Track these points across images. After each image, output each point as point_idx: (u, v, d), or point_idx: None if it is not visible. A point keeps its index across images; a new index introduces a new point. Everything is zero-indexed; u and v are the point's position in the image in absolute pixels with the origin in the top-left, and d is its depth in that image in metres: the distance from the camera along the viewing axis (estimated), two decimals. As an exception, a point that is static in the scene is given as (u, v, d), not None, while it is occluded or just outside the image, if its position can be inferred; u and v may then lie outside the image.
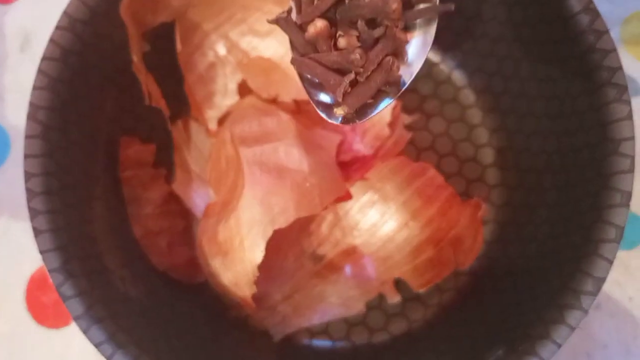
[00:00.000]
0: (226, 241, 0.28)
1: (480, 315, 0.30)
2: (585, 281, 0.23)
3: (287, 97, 0.33)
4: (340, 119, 0.21)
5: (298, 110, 0.33)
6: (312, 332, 0.33)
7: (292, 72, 0.32)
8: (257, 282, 0.29)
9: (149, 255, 0.31)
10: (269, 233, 0.27)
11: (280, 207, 0.28)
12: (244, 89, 0.33)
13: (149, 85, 0.29)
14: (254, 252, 0.27)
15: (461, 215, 0.32)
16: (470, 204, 0.33)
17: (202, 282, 0.32)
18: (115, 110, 0.30)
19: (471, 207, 0.33)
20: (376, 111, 0.21)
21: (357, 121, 0.21)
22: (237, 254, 0.28)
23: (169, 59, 0.32)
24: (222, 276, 0.29)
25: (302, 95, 0.32)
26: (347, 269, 0.33)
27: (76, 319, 0.23)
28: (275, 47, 0.33)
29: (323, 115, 0.21)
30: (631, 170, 0.24)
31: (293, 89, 0.32)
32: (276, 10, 0.32)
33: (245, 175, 0.28)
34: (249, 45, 0.33)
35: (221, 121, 0.33)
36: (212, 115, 0.34)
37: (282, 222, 0.28)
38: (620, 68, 0.24)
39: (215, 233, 0.29)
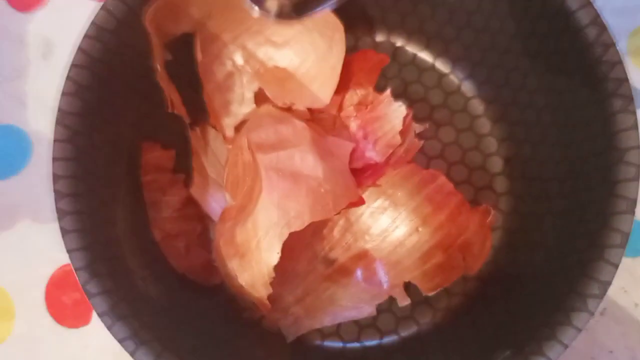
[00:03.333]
0: (243, 243, 0.29)
1: (488, 318, 0.31)
2: (592, 285, 0.24)
3: (301, 105, 0.34)
4: (273, 12, 0.18)
5: (312, 118, 0.34)
6: (324, 334, 0.34)
7: (307, 81, 0.34)
8: (271, 284, 0.29)
9: (168, 258, 0.32)
10: (285, 236, 0.28)
11: (296, 211, 0.29)
12: (260, 98, 0.34)
13: (170, 93, 0.30)
14: (270, 254, 0.28)
15: (470, 221, 0.33)
16: (479, 211, 0.34)
17: (218, 284, 0.33)
18: (137, 116, 0.31)
19: (480, 214, 0.34)
20: (319, 8, 0.18)
21: (295, 16, 0.18)
22: (254, 255, 0.29)
23: (189, 68, 0.33)
24: (239, 277, 0.30)
25: (316, 104, 0.33)
26: (358, 273, 0.33)
27: (101, 315, 0.24)
28: (290, 57, 0.34)
29: (252, 5, 0.17)
30: (636, 178, 0.25)
31: (307, 98, 0.33)
32: (291, 22, 0.33)
33: (262, 180, 0.29)
34: (266, 56, 0.34)
35: (238, 128, 0.34)
36: (229, 123, 0.35)
37: (298, 226, 0.29)
38: (626, 80, 0.25)
39: (233, 235, 0.30)
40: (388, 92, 0.35)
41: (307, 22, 0.33)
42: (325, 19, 0.32)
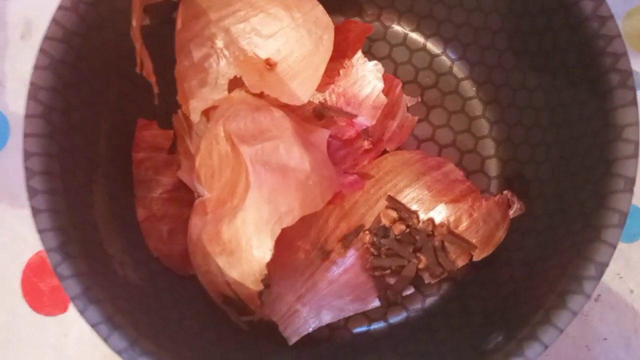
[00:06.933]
0: (231, 241, 0.28)
1: (479, 304, 0.30)
2: (588, 267, 0.23)
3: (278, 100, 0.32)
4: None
5: (286, 105, 0.32)
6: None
7: (287, 77, 0.32)
8: (271, 284, 0.29)
9: (147, 239, 0.31)
10: (277, 232, 0.27)
11: (287, 207, 0.27)
12: (232, 83, 0.33)
13: (142, 54, 0.29)
14: (263, 252, 0.27)
15: (477, 209, 0.32)
16: (497, 201, 0.32)
17: (193, 275, 0.32)
18: (117, 97, 0.30)
19: (499, 204, 0.32)
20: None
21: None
22: (244, 254, 0.27)
23: (167, 49, 0.32)
24: (227, 274, 0.28)
25: (293, 101, 0.32)
26: (356, 263, 0.32)
27: (73, 299, 0.23)
28: (273, 50, 0.33)
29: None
30: (635, 155, 0.24)
31: (285, 94, 0.32)
32: (282, 14, 0.32)
33: (250, 175, 0.28)
34: (248, 44, 0.33)
35: (205, 113, 0.33)
36: (196, 106, 0.33)
37: (289, 221, 0.27)
38: (625, 54, 0.24)
39: (218, 232, 0.28)
40: (359, 53, 0.34)
41: (297, 17, 0.32)
42: (317, 17, 0.31)
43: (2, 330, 0.34)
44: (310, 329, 0.31)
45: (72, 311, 0.34)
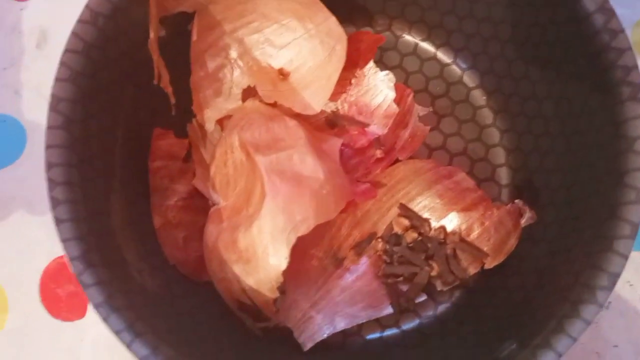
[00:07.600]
0: (248, 249, 0.28)
1: (491, 312, 0.31)
2: (601, 277, 0.23)
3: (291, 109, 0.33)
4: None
5: (298, 114, 0.33)
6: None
7: (300, 87, 0.33)
8: (287, 291, 0.29)
9: (163, 247, 0.31)
10: (293, 241, 0.27)
11: (302, 215, 0.28)
12: (246, 93, 0.34)
13: (159, 65, 0.30)
14: (279, 260, 0.27)
15: (489, 218, 0.32)
16: (508, 210, 0.32)
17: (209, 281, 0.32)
18: (132, 104, 0.31)
19: (511, 214, 0.32)
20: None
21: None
22: (261, 262, 0.28)
23: (182, 59, 0.32)
24: (243, 282, 0.29)
25: (306, 111, 0.32)
26: (370, 271, 0.33)
27: (96, 306, 0.24)
28: (286, 60, 0.33)
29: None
30: (646, 168, 0.24)
31: (298, 103, 0.33)
32: (295, 25, 0.33)
33: (265, 184, 0.29)
34: (262, 55, 0.33)
35: (219, 122, 0.34)
36: (211, 116, 0.34)
37: (304, 230, 0.28)
38: (635, 67, 0.24)
39: (234, 240, 0.29)
40: (371, 63, 0.34)
41: (310, 28, 0.32)
42: (329, 27, 0.32)
43: (20, 335, 0.35)
44: (325, 335, 0.31)
45: (89, 317, 0.35)
